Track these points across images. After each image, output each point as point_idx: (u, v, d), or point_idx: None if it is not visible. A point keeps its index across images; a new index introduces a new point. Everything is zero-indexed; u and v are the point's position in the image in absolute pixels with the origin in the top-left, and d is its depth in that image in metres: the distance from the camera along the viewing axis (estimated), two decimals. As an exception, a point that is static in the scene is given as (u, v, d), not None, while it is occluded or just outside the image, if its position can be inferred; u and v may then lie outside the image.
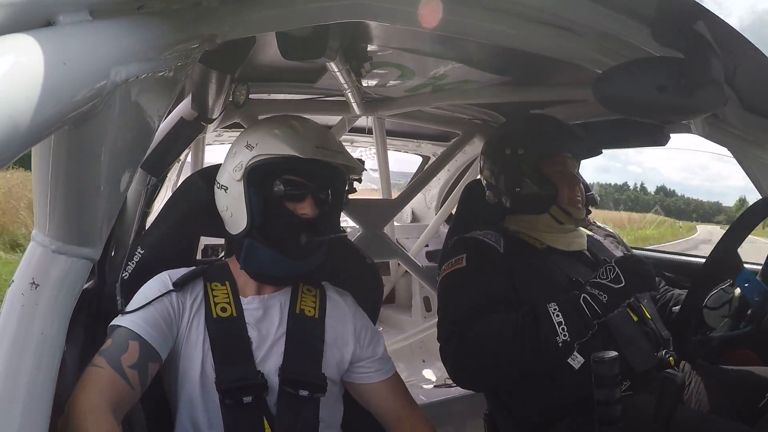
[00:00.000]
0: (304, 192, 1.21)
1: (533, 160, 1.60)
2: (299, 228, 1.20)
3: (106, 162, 0.57)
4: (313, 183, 1.22)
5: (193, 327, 1.19)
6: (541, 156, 1.60)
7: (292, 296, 1.30)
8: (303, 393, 1.19)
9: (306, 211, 1.21)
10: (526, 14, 0.93)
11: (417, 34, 1.28)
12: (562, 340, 1.29)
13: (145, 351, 1.10)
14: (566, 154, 1.62)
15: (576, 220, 1.61)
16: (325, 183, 1.25)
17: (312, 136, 1.21)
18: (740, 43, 0.89)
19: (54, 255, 0.58)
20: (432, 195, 3.47)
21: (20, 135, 0.39)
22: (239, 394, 1.15)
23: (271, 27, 0.93)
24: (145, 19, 0.59)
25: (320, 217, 1.23)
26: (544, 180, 1.59)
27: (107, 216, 0.62)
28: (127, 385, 1.04)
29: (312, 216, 1.21)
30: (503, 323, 1.35)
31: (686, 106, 0.87)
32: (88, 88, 0.46)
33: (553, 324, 1.30)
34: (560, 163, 1.61)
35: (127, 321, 1.13)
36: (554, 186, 1.59)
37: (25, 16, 0.44)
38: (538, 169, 1.60)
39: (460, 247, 1.60)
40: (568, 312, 1.30)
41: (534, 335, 1.31)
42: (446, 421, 2.24)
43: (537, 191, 1.60)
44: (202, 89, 1.39)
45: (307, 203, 1.21)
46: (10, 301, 0.56)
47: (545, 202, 1.60)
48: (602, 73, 0.91)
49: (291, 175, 1.21)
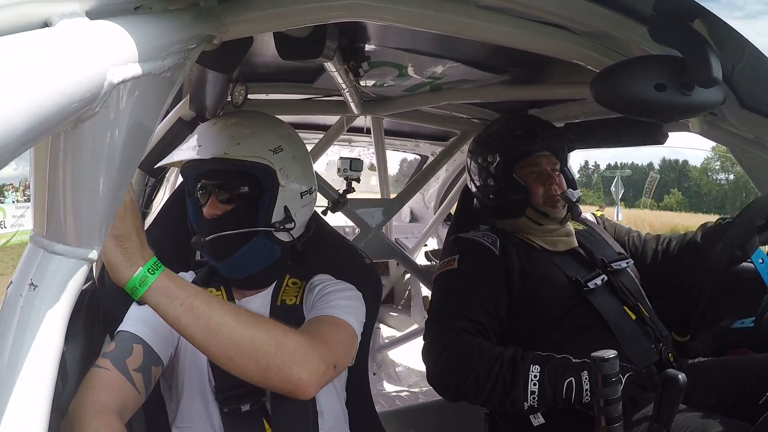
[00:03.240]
0: (209, 192, 1.21)
1: (504, 165, 1.62)
2: (202, 230, 1.21)
3: (104, 163, 0.57)
4: (215, 182, 1.21)
5: None
6: (512, 159, 1.61)
7: (275, 291, 1.29)
8: None
9: (207, 211, 1.20)
10: (524, 13, 0.93)
11: (415, 34, 1.28)
12: (529, 405, 1.26)
13: (149, 355, 1.10)
14: (541, 153, 1.62)
15: (554, 219, 1.60)
16: (230, 180, 1.21)
17: (190, 138, 1.23)
18: (738, 41, 0.89)
19: (52, 256, 0.58)
20: (430, 194, 3.47)
21: (17, 136, 0.39)
22: (238, 402, 1.15)
23: (269, 27, 0.93)
24: (142, 19, 0.59)
25: (226, 215, 1.20)
26: (515, 185, 1.60)
27: (106, 217, 0.62)
28: (133, 388, 1.04)
29: (208, 215, 1.20)
30: (484, 358, 1.31)
31: (684, 105, 0.87)
32: (85, 90, 0.46)
33: (526, 388, 1.25)
34: (533, 164, 1.61)
35: (129, 325, 1.13)
36: (526, 189, 1.59)
37: (22, 17, 0.44)
38: (508, 174, 1.61)
39: (454, 247, 1.61)
40: (544, 385, 1.25)
41: (505, 389, 1.27)
42: (446, 421, 2.24)
43: (509, 197, 1.61)
44: (200, 89, 1.39)
45: (209, 204, 1.20)
46: (9, 303, 0.56)
47: (518, 207, 1.61)
48: (600, 72, 0.91)
49: (201, 179, 1.22)
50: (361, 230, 2.45)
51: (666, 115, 0.96)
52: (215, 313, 0.91)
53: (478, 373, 1.30)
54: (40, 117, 0.41)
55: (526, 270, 1.51)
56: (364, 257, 1.52)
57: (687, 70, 0.83)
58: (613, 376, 0.97)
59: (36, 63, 0.41)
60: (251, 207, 1.21)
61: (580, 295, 1.47)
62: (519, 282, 1.49)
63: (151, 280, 0.87)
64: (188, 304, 0.89)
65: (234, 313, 0.94)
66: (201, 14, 0.75)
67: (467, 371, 1.31)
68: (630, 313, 1.48)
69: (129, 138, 0.58)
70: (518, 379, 1.26)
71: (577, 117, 1.95)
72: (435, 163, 2.70)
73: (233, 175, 1.19)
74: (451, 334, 1.37)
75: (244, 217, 1.20)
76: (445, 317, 1.43)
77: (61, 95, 0.43)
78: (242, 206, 1.20)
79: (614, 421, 0.98)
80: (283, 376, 0.96)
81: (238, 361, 0.94)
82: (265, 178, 1.20)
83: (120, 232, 0.85)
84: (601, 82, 0.89)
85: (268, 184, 1.20)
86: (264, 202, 1.20)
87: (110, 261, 0.86)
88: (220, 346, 0.91)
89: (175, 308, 0.88)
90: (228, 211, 1.19)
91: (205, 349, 0.92)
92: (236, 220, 1.19)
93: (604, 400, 0.97)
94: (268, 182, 1.20)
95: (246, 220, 1.20)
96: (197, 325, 0.89)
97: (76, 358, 1.18)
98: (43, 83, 0.41)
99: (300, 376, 0.97)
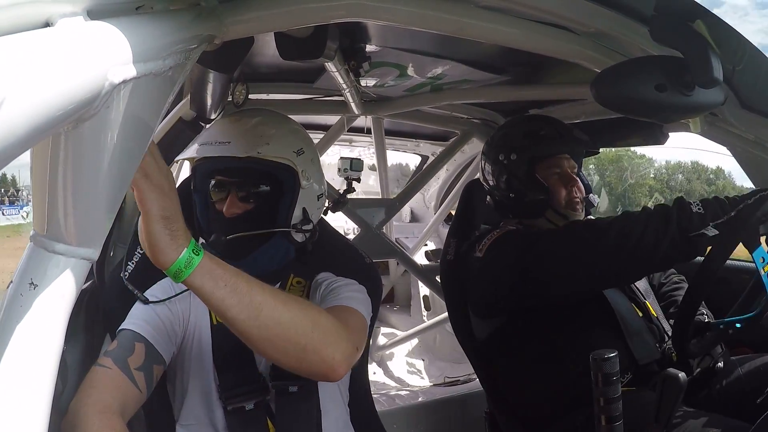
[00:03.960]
0: (227, 190, 1.19)
1: (526, 165, 1.60)
2: (220, 228, 1.17)
3: (104, 163, 0.57)
4: (236, 179, 1.18)
5: (195, 333, 1.19)
6: (535, 159, 1.60)
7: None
8: (292, 389, 1.16)
9: (227, 209, 1.17)
10: (524, 13, 0.93)
11: (415, 34, 1.28)
12: (696, 212, 1.16)
13: (150, 353, 1.10)
14: (563, 155, 1.61)
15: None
16: (252, 178, 1.19)
17: (205, 133, 1.20)
18: (739, 41, 0.89)
19: (52, 255, 0.58)
20: (431, 194, 3.47)
21: (18, 136, 0.39)
22: (241, 401, 1.14)
23: (270, 27, 0.93)
24: (143, 19, 0.59)
25: (247, 214, 1.18)
26: (538, 185, 1.59)
27: (106, 217, 0.62)
28: (134, 386, 1.04)
29: (228, 214, 1.17)
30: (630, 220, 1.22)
31: (685, 105, 0.87)
32: (85, 90, 0.46)
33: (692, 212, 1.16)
34: (556, 165, 1.60)
35: (131, 323, 1.13)
36: (548, 190, 1.58)
37: (22, 17, 0.44)
38: (531, 174, 1.60)
39: (496, 227, 1.62)
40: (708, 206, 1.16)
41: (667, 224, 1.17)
42: (446, 420, 2.25)
43: (531, 197, 1.60)
44: (201, 89, 1.39)
45: (228, 202, 1.18)
46: (9, 302, 0.56)
47: (540, 207, 1.60)
48: (601, 72, 0.91)
49: (217, 175, 1.19)
50: (361, 230, 2.45)
51: (666, 115, 0.96)
52: (257, 293, 0.88)
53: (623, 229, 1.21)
54: (41, 117, 0.41)
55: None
56: (364, 257, 1.52)
57: (688, 70, 0.83)
58: (613, 375, 0.97)
59: (36, 63, 0.41)
60: (272, 207, 1.20)
61: None
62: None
63: (197, 261, 0.83)
64: (232, 284, 0.86)
65: (272, 293, 0.91)
66: (202, 14, 0.75)
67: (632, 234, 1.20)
68: (637, 311, 1.49)
69: (130, 138, 0.58)
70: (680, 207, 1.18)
71: (578, 117, 1.95)
72: (435, 163, 2.70)
73: (256, 174, 1.18)
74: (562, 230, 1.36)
75: (264, 217, 1.19)
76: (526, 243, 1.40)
77: (62, 95, 0.43)
78: (262, 205, 1.19)
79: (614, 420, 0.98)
80: (320, 357, 0.94)
81: (277, 344, 0.91)
82: (288, 179, 1.20)
83: (168, 213, 0.81)
84: (601, 82, 0.89)
85: (290, 185, 1.20)
86: (285, 203, 1.20)
87: (156, 244, 0.81)
88: (261, 327, 0.88)
89: (219, 289, 0.85)
90: (248, 210, 1.18)
91: (246, 331, 0.89)
92: (256, 219, 1.18)
93: (604, 399, 0.97)
94: (290, 183, 1.20)
95: (266, 219, 1.20)
96: (241, 305, 0.86)
97: (76, 357, 1.18)
98: (44, 83, 0.41)
99: (334, 357, 0.95)
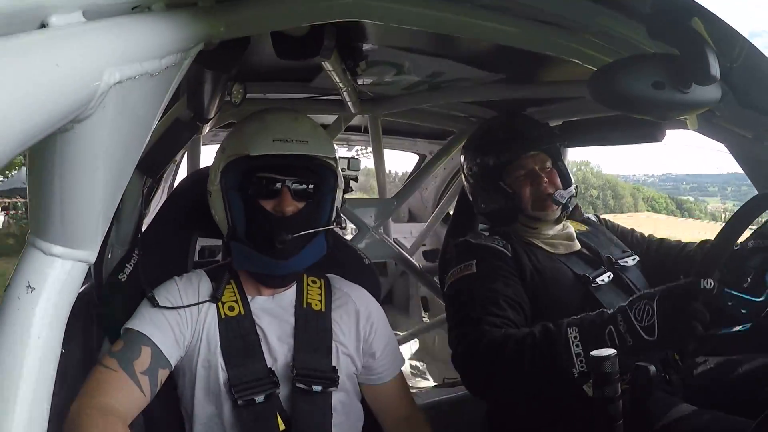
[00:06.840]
0: (279, 188, 1.17)
1: (490, 175, 1.59)
2: (273, 226, 1.15)
3: (101, 164, 0.56)
4: (289, 177, 1.17)
5: (204, 329, 1.19)
6: (497, 167, 1.59)
7: (298, 290, 1.28)
8: (316, 388, 1.17)
9: (281, 208, 1.16)
10: (521, 12, 0.93)
11: (413, 33, 1.28)
12: (578, 371, 1.14)
13: (157, 357, 1.10)
14: (527, 155, 1.59)
15: (548, 222, 1.59)
16: (305, 175, 1.19)
17: (272, 129, 1.16)
18: (736, 38, 0.89)
19: (50, 258, 0.57)
20: (428, 193, 3.46)
21: (13, 138, 0.39)
22: (251, 394, 1.14)
23: (267, 27, 0.93)
24: (140, 19, 0.58)
25: (302, 212, 1.18)
26: (502, 193, 1.58)
27: (103, 218, 0.62)
28: (138, 390, 1.04)
29: (288, 212, 1.16)
30: (513, 338, 1.23)
31: (682, 103, 0.87)
32: (81, 90, 0.45)
33: (570, 352, 1.15)
34: (521, 167, 1.59)
35: (138, 324, 1.12)
36: (514, 195, 1.57)
37: (18, 18, 0.43)
38: (495, 183, 1.59)
39: (467, 253, 1.55)
40: (588, 344, 1.13)
41: (546, 361, 1.17)
42: (446, 421, 2.24)
43: (498, 206, 1.59)
44: (198, 89, 1.38)
45: (282, 199, 1.16)
46: (6, 306, 0.56)
47: (510, 215, 1.60)
48: (597, 70, 0.91)
49: (265, 172, 1.17)
50: (359, 230, 2.44)
51: (663, 113, 0.96)
52: None
53: (511, 355, 1.20)
54: (37, 118, 0.41)
55: (536, 270, 1.50)
56: (363, 258, 1.52)
57: (685, 68, 0.83)
58: (612, 375, 0.97)
59: (32, 63, 0.41)
60: (319, 205, 1.22)
61: (587, 291, 1.47)
62: (531, 282, 1.48)
63: None
64: None
65: None
66: (199, 14, 0.74)
67: (501, 358, 1.22)
68: None
69: (126, 138, 0.58)
70: (558, 344, 1.16)
71: (575, 115, 1.96)
72: (433, 162, 2.70)
73: (308, 172, 1.19)
74: (479, 333, 1.30)
75: (313, 215, 1.21)
76: (473, 317, 1.35)
77: (58, 96, 0.43)
78: (312, 204, 1.21)
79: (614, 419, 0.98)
80: None
81: None
82: (331, 179, 1.23)
83: None
84: (598, 80, 0.89)
85: (332, 184, 1.23)
86: (328, 201, 1.23)
87: None
88: None
89: None
90: (302, 208, 1.19)
91: None
92: (308, 217, 1.20)
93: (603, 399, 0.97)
94: (332, 183, 1.23)
95: (315, 217, 1.21)
96: None
97: (74, 359, 1.17)
98: (39, 84, 0.41)
99: None
